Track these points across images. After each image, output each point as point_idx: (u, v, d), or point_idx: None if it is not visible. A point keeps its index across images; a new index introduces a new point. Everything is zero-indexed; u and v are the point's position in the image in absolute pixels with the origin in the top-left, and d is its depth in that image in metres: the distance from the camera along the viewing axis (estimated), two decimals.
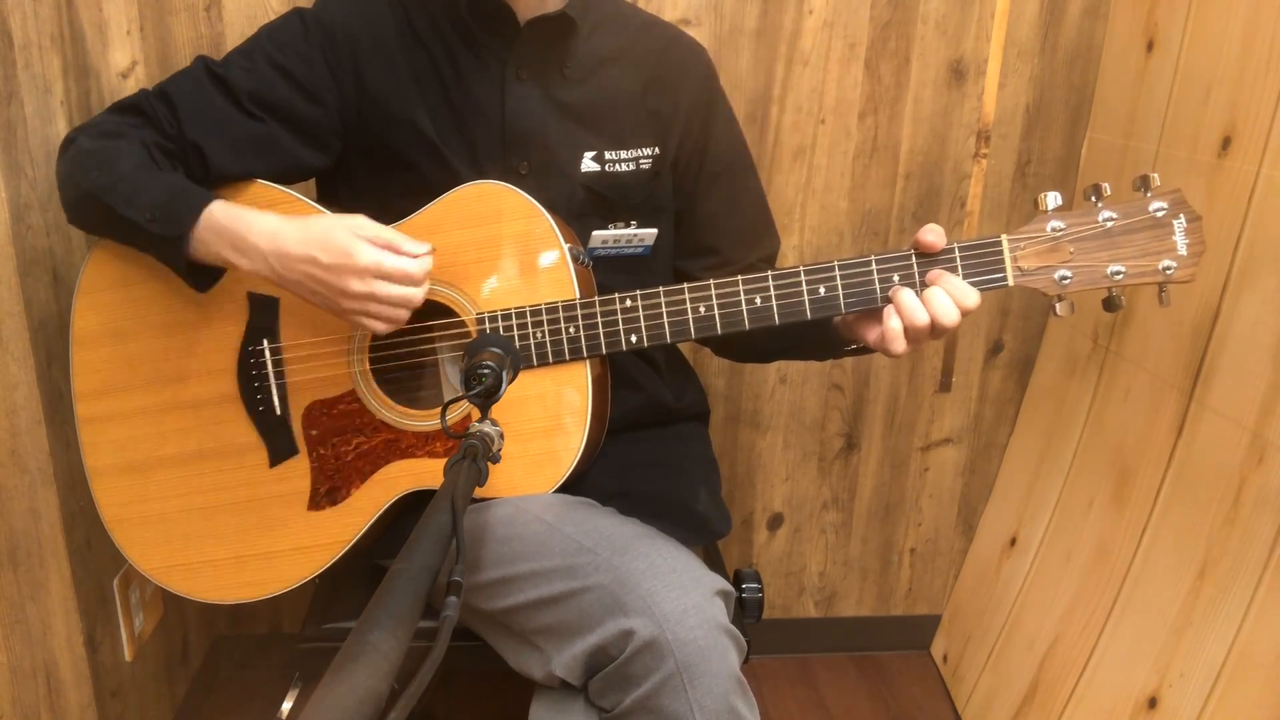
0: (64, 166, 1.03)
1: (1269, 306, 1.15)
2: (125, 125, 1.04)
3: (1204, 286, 1.26)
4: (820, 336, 1.06)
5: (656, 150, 1.13)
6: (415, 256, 0.95)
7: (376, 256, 0.93)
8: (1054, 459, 1.60)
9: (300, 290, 0.97)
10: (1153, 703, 1.24)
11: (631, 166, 1.12)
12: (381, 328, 0.97)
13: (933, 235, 0.93)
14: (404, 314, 0.96)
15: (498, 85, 1.08)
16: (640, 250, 1.15)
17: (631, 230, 1.13)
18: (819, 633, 1.86)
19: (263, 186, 1.06)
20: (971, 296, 0.92)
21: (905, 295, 0.93)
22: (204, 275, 1.02)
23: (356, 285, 0.93)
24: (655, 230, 1.14)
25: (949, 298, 0.92)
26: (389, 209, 1.04)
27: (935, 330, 0.93)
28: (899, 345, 0.93)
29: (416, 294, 0.95)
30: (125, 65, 1.40)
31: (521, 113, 1.08)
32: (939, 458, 1.78)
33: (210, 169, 1.04)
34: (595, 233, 1.11)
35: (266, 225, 0.96)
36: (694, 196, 1.18)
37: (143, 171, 0.99)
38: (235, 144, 1.05)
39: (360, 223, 0.96)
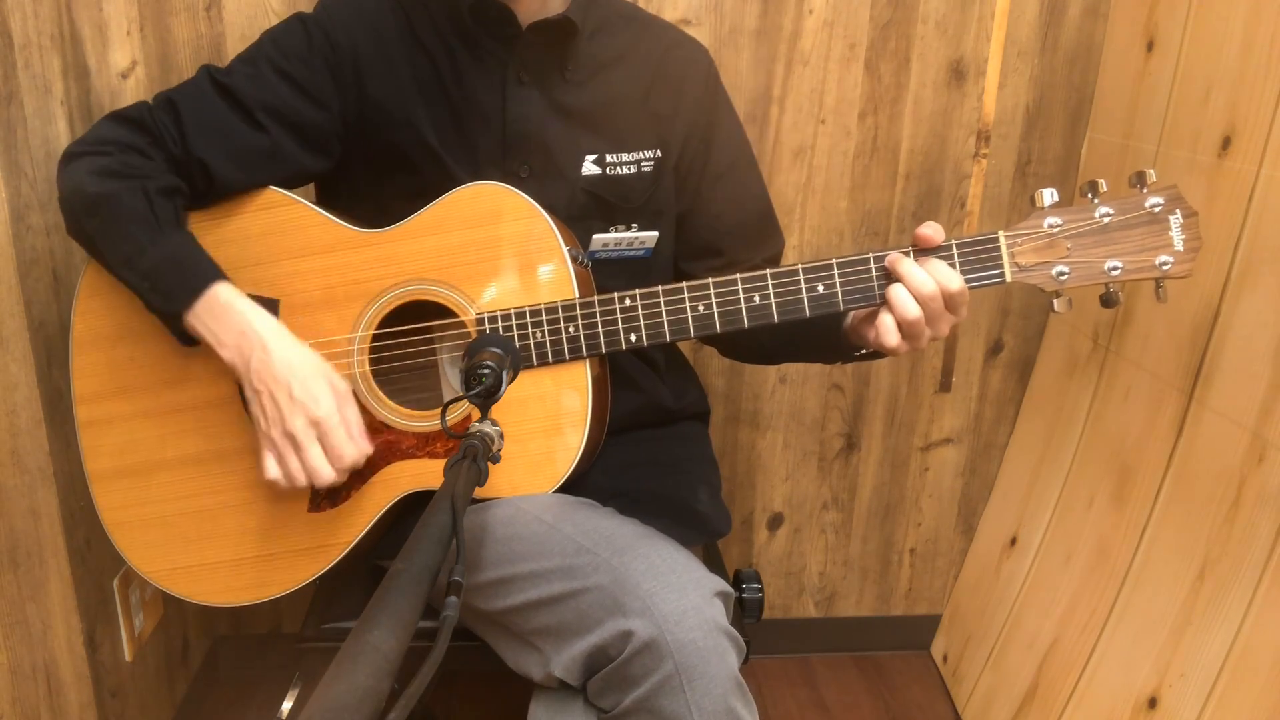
0: (65, 192, 1.01)
1: (1269, 306, 1.15)
2: (128, 158, 1.01)
3: (1204, 286, 1.26)
4: (830, 339, 1.06)
5: (658, 153, 1.13)
6: (358, 447, 0.97)
7: (332, 417, 0.95)
8: (1054, 459, 1.60)
9: (251, 397, 0.97)
10: (1153, 703, 1.24)
11: (633, 169, 1.12)
12: (276, 476, 0.97)
13: (930, 229, 0.94)
14: (302, 480, 0.96)
15: (499, 89, 1.08)
16: (641, 253, 1.15)
17: (632, 233, 1.13)
18: (819, 633, 1.87)
19: (266, 189, 1.06)
20: (955, 280, 0.93)
21: (896, 289, 0.94)
22: (190, 336, 1.02)
23: (298, 427, 0.95)
24: (656, 233, 1.14)
25: (928, 275, 0.92)
26: (389, 211, 1.04)
27: (930, 319, 0.93)
28: (892, 339, 0.94)
29: (327, 476, 0.96)
30: (125, 65, 1.40)
31: (522, 116, 1.08)
32: (939, 458, 1.78)
33: (215, 184, 1.04)
34: (596, 236, 1.11)
35: (265, 330, 0.97)
36: (697, 198, 1.18)
37: (143, 229, 0.98)
38: (240, 159, 1.04)
39: (344, 389, 0.98)
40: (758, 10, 1.51)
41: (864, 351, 1.04)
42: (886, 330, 0.94)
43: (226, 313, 0.97)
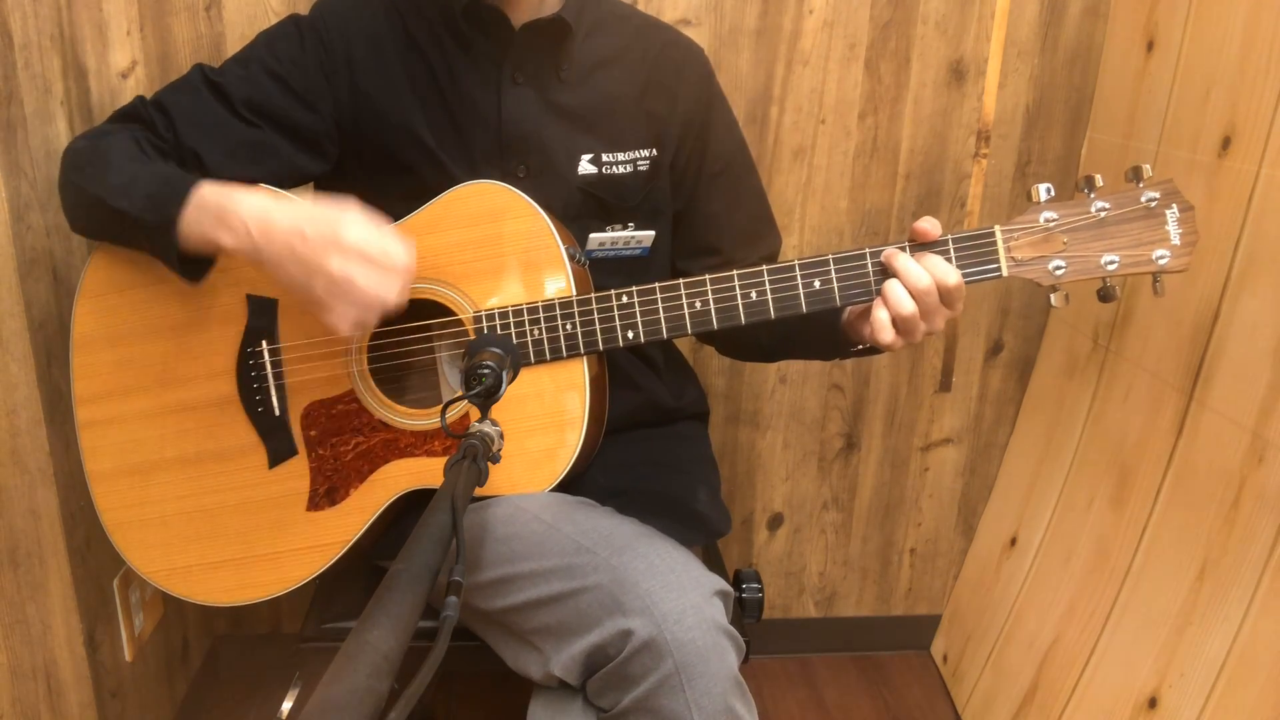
0: (63, 165, 1.04)
1: (1269, 306, 1.15)
2: (120, 127, 1.05)
3: (1204, 286, 1.26)
4: (827, 335, 1.06)
5: (654, 152, 1.13)
6: (405, 247, 0.92)
7: (364, 235, 0.89)
8: (1054, 459, 1.60)
9: (279, 269, 0.92)
10: (1153, 703, 1.24)
11: (629, 169, 1.12)
12: (346, 324, 0.91)
13: (927, 223, 0.94)
14: (373, 315, 0.91)
15: (494, 89, 1.08)
16: (638, 252, 1.15)
17: (629, 232, 1.13)
18: (819, 633, 1.86)
19: (263, 190, 1.06)
20: (952, 275, 0.93)
21: (891, 284, 0.94)
22: (195, 265, 1.01)
23: (337, 263, 0.88)
24: (653, 232, 1.14)
25: (923, 270, 0.92)
26: (387, 212, 1.04)
27: (925, 313, 0.93)
28: (886, 335, 0.93)
29: (393, 290, 0.90)
30: (125, 65, 1.40)
31: (518, 116, 1.09)
32: (939, 458, 1.78)
33: (208, 174, 1.04)
34: (593, 235, 1.11)
35: (254, 200, 0.95)
36: (694, 197, 1.18)
37: (132, 162, 0.99)
38: (232, 150, 1.05)
39: (352, 207, 0.93)
40: (758, 10, 1.51)
41: (861, 347, 1.04)
42: (881, 326, 0.93)
43: (216, 203, 0.95)
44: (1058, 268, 0.94)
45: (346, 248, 0.89)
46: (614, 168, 1.11)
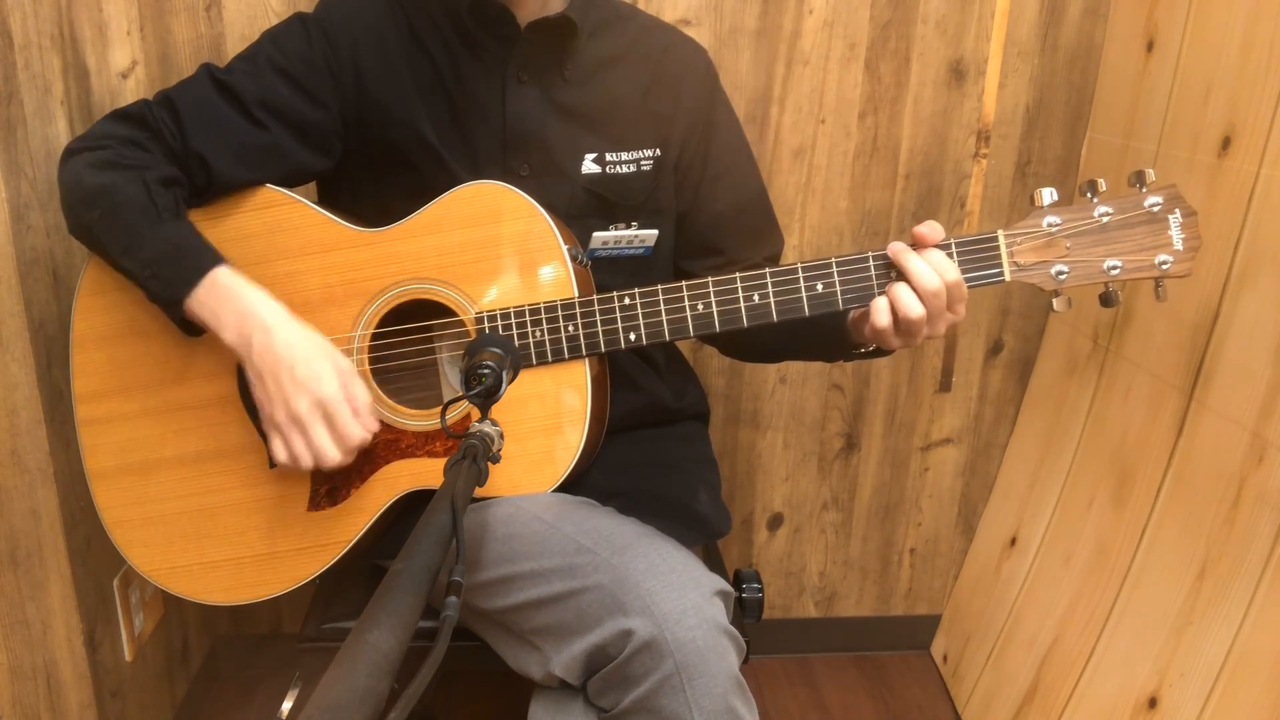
0: (65, 187, 1.02)
1: (1269, 306, 1.15)
2: (126, 148, 1.01)
3: (1204, 286, 1.26)
4: (830, 337, 1.06)
5: (657, 152, 1.13)
6: (365, 427, 0.97)
7: (336, 396, 0.94)
8: (1054, 459, 1.60)
9: (255, 380, 0.97)
10: (1153, 703, 1.24)
11: (632, 168, 1.12)
12: (282, 456, 0.97)
13: (928, 228, 0.94)
14: (309, 462, 0.96)
15: (498, 88, 1.08)
16: (641, 251, 1.15)
17: (632, 231, 1.13)
18: (819, 633, 1.86)
19: (266, 189, 1.07)
20: (951, 271, 0.93)
21: (899, 287, 0.94)
22: (194, 326, 1.01)
23: (302, 408, 0.94)
24: (656, 231, 1.14)
25: (932, 270, 0.92)
26: (390, 210, 1.04)
27: (930, 310, 0.93)
28: (883, 319, 0.94)
29: (334, 457, 0.95)
30: (125, 65, 1.40)
31: (522, 115, 1.09)
32: (939, 458, 1.78)
33: (214, 179, 1.03)
34: (596, 234, 1.11)
35: (267, 312, 0.96)
36: (697, 197, 1.18)
37: (142, 219, 0.97)
38: (239, 154, 1.04)
39: (348, 369, 0.98)
40: (758, 10, 1.51)
41: (865, 350, 1.04)
42: (879, 311, 0.94)
43: (228, 296, 0.96)
44: (1060, 273, 0.94)
45: (320, 399, 0.94)
46: (617, 167, 1.11)
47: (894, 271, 0.95)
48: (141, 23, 1.42)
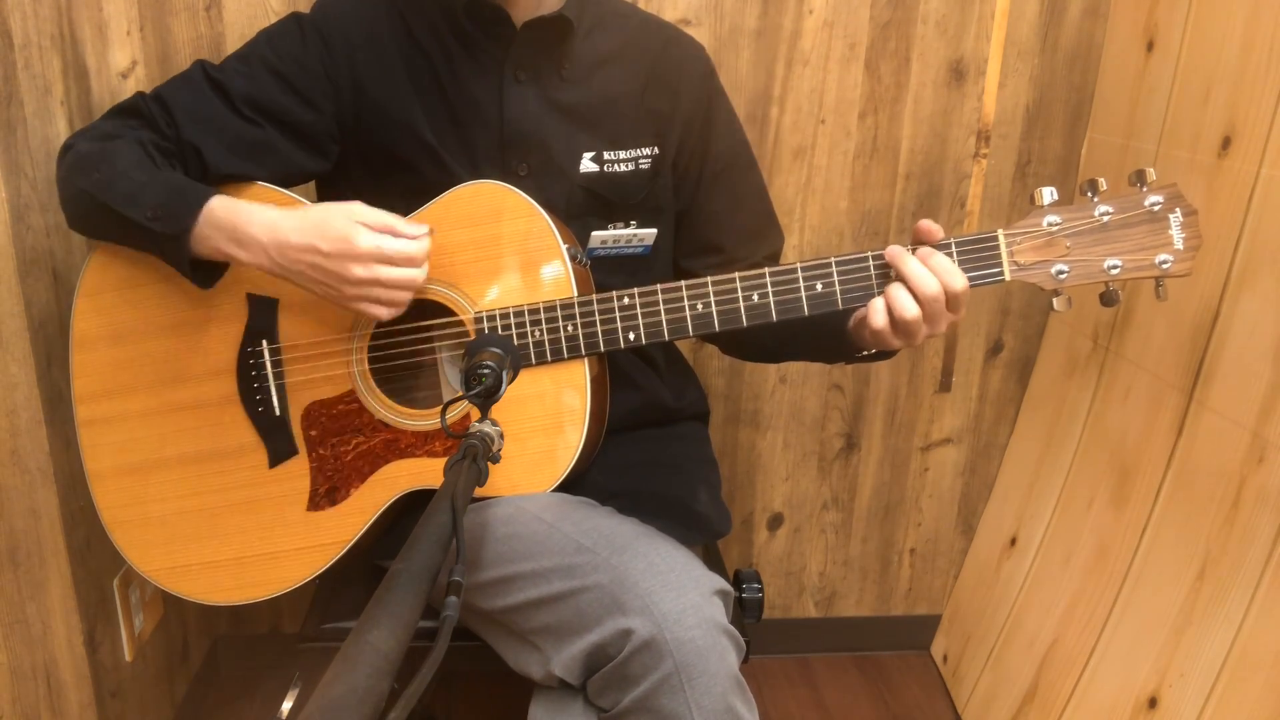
0: (63, 171, 1.03)
1: (1269, 306, 1.15)
2: (122, 127, 1.04)
3: (1204, 286, 1.26)
4: (832, 338, 1.06)
5: (656, 150, 1.13)
6: (414, 238, 0.96)
7: (376, 241, 0.94)
8: (1054, 459, 1.60)
9: (301, 280, 0.97)
10: (1153, 703, 1.24)
11: (630, 167, 1.12)
12: (384, 313, 0.97)
13: (930, 226, 0.94)
14: (406, 297, 0.97)
15: (496, 87, 1.08)
16: (640, 250, 1.15)
17: (631, 230, 1.13)
18: (819, 633, 1.86)
19: (262, 188, 1.07)
20: (959, 279, 0.92)
21: (896, 288, 0.93)
22: (207, 271, 1.02)
23: (359, 271, 0.94)
24: (655, 230, 1.14)
25: (932, 275, 0.92)
26: (389, 210, 1.04)
27: (927, 313, 0.92)
28: (879, 319, 0.93)
29: (418, 275, 0.96)
30: (125, 65, 1.40)
31: (520, 114, 1.09)
32: (939, 458, 1.78)
33: (208, 170, 1.04)
34: (595, 233, 1.11)
35: (265, 216, 0.97)
36: (696, 195, 1.18)
37: (141, 170, 0.99)
38: (232, 146, 1.05)
39: (357, 209, 0.97)
40: (758, 10, 1.51)
41: (867, 353, 1.04)
42: (876, 311, 0.93)
43: (229, 221, 0.97)
44: (1060, 272, 0.94)
45: (363, 254, 0.94)
46: (616, 166, 1.11)
47: (893, 272, 0.95)
48: (141, 23, 1.43)
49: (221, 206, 0.97)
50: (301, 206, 0.98)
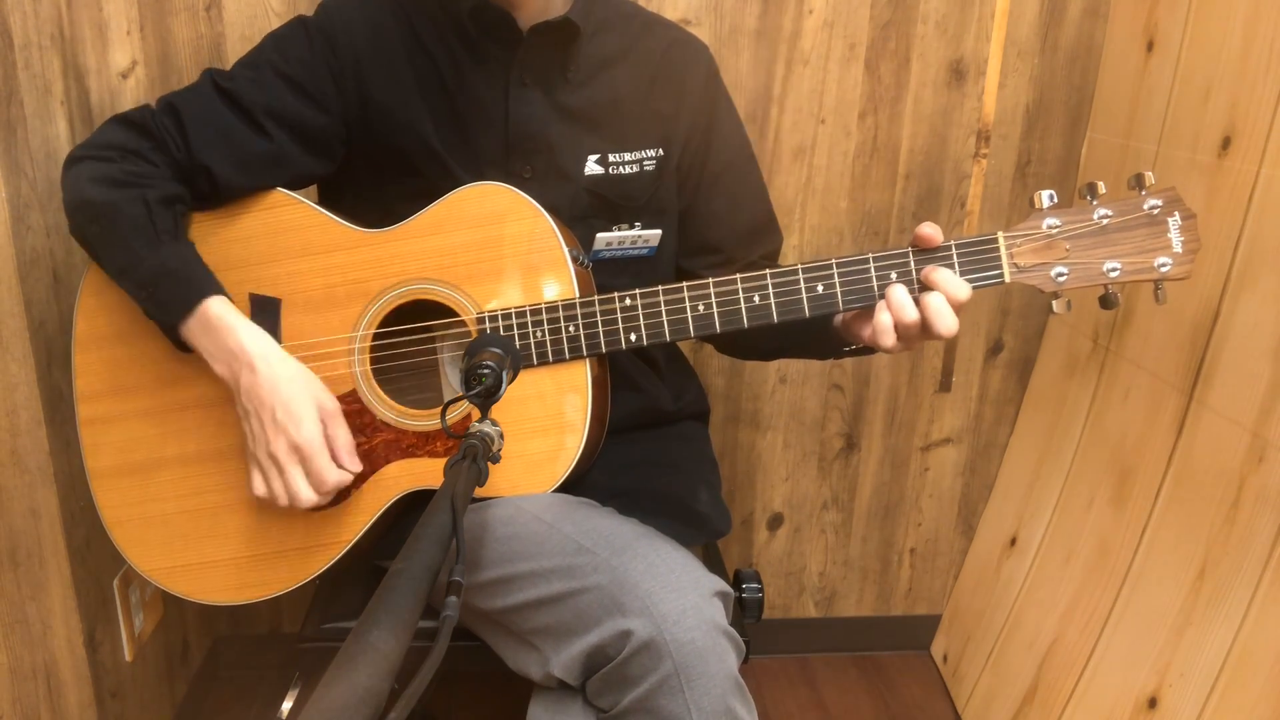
0: (67, 195, 1.02)
1: (1269, 306, 1.15)
2: (130, 165, 1.01)
3: (1204, 287, 1.26)
4: (820, 336, 1.06)
5: (660, 151, 1.13)
6: (341, 469, 0.98)
7: (313, 442, 0.96)
8: (1054, 459, 1.60)
9: (241, 415, 0.99)
10: (1153, 703, 1.24)
11: (635, 168, 1.12)
12: (257, 489, 0.99)
13: (929, 228, 0.94)
14: (284, 501, 0.98)
15: (501, 90, 1.08)
16: (645, 252, 1.15)
17: (636, 232, 1.13)
18: (819, 633, 1.87)
19: (269, 191, 1.07)
20: (963, 289, 0.92)
21: (896, 291, 0.93)
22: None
23: (280, 450, 0.96)
24: (659, 231, 1.14)
25: (942, 298, 0.92)
26: (392, 212, 1.04)
27: (927, 330, 0.92)
28: (888, 339, 0.93)
29: (309, 499, 0.97)
30: (125, 65, 1.40)
31: (525, 117, 1.08)
32: (939, 458, 1.78)
33: (219, 188, 1.04)
34: (600, 235, 1.11)
35: (257, 350, 0.97)
36: (697, 195, 1.18)
37: (141, 241, 0.98)
38: (244, 164, 1.04)
39: (333, 409, 0.99)
40: (758, 10, 1.51)
41: (854, 347, 1.04)
42: (883, 331, 0.93)
43: (218, 329, 0.97)
44: (1060, 274, 0.94)
45: (296, 444, 0.96)
46: (620, 168, 1.11)
47: (894, 273, 0.95)
48: (141, 23, 1.42)
49: (217, 315, 0.97)
50: (295, 364, 0.99)
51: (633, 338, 1.00)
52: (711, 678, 0.87)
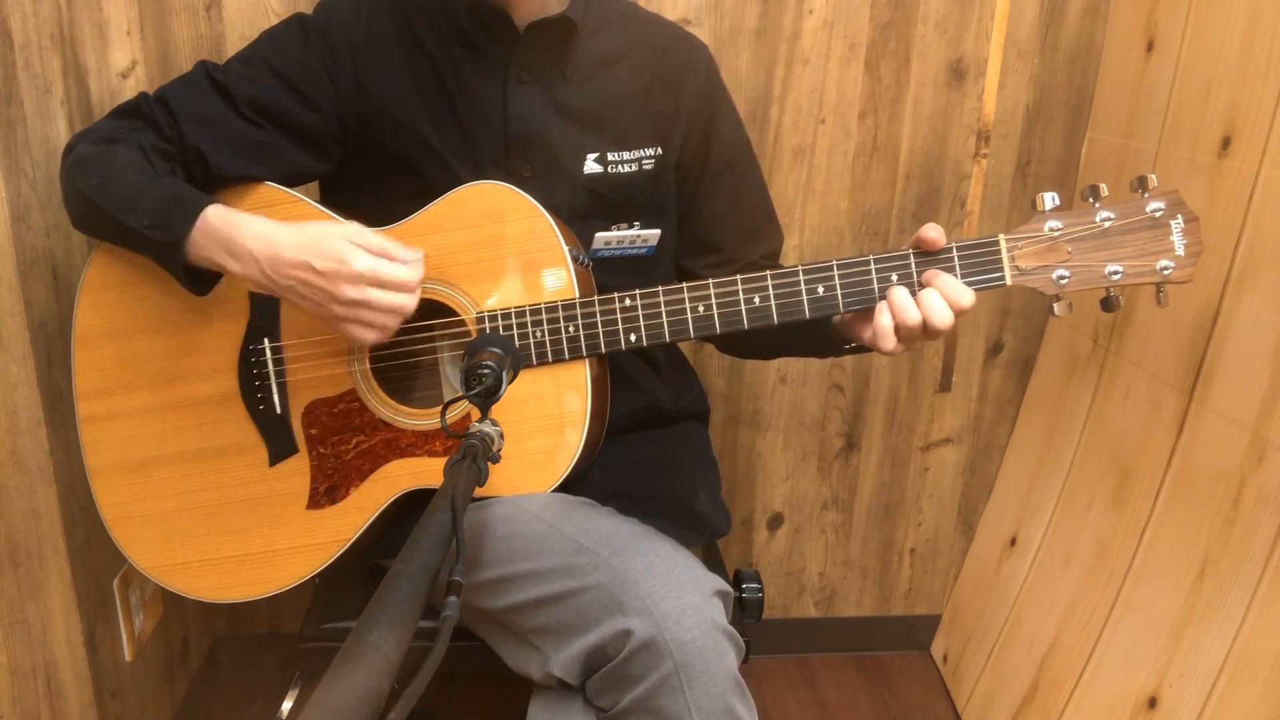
0: (64, 172, 1.03)
1: (1269, 306, 1.15)
2: (124, 130, 1.04)
3: (1204, 287, 1.26)
4: (819, 334, 1.06)
5: (659, 150, 1.13)
6: (408, 263, 0.94)
7: (371, 263, 0.92)
8: (1054, 459, 1.60)
9: (291, 295, 0.96)
10: (1153, 703, 1.24)
11: (634, 167, 1.12)
12: (372, 336, 0.95)
13: (933, 232, 0.93)
14: (395, 323, 0.95)
15: (500, 89, 1.08)
16: (644, 251, 1.15)
17: (635, 231, 1.13)
18: (819, 633, 1.87)
19: (266, 187, 1.07)
20: (966, 296, 0.92)
21: (898, 293, 0.93)
22: (202, 279, 1.01)
23: (350, 292, 0.92)
24: (659, 231, 1.14)
25: (942, 299, 0.92)
26: (392, 212, 1.04)
27: (929, 330, 0.92)
28: (889, 343, 0.93)
29: (409, 302, 0.94)
30: (125, 65, 1.40)
31: (524, 116, 1.08)
32: (939, 458, 1.78)
33: (211, 172, 1.04)
34: (599, 234, 1.11)
35: (259, 228, 0.96)
36: (697, 194, 1.18)
37: (139, 175, 0.99)
38: (235, 148, 1.05)
39: (354, 230, 0.95)
40: (758, 10, 1.51)
41: (853, 345, 1.04)
42: (884, 335, 0.93)
43: (223, 231, 0.96)
44: (1061, 277, 0.94)
45: (356, 275, 0.92)
46: (620, 167, 1.11)
47: (895, 275, 0.95)
48: (141, 23, 1.42)
49: (217, 216, 0.96)
50: (299, 222, 0.97)
51: (632, 338, 1.00)
52: (712, 677, 0.87)
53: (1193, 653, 1.19)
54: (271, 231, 0.95)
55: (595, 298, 1.01)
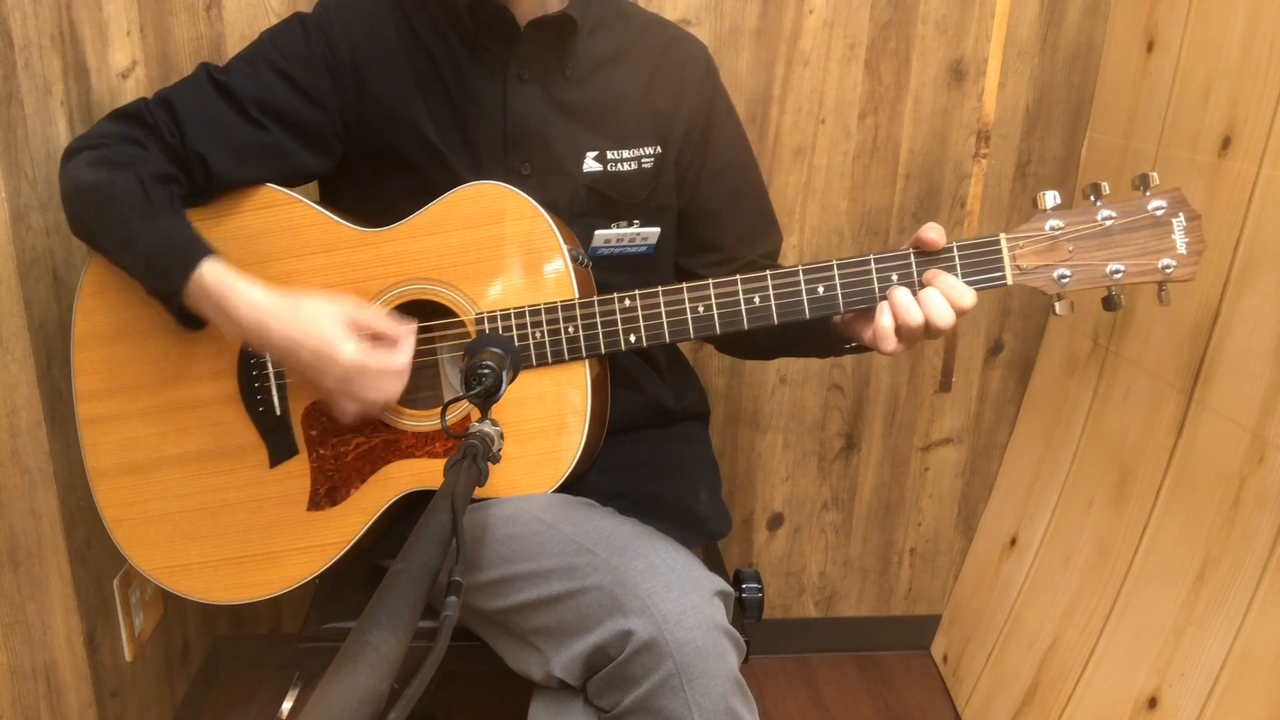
0: (64, 186, 1.02)
1: (1269, 306, 1.15)
2: (125, 143, 1.02)
3: (1204, 286, 1.26)
4: (819, 334, 1.06)
5: (658, 149, 1.13)
6: (398, 341, 0.97)
7: (356, 356, 0.94)
8: (1054, 459, 1.60)
9: (283, 365, 1.00)
10: (1153, 703, 1.24)
11: (634, 166, 1.12)
12: (350, 418, 0.98)
13: (933, 233, 0.93)
14: (379, 406, 0.97)
15: (500, 86, 1.08)
16: (644, 249, 1.15)
17: (634, 229, 1.13)
18: (819, 633, 1.87)
19: (267, 189, 1.07)
20: (968, 296, 0.92)
21: (899, 294, 0.93)
22: (195, 319, 1.01)
23: (337, 379, 0.95)
24: (658, 229, 1.14)
25: (944, 298, 0.92)
26: (391, 210, 1.04)
27: (930, 330, 0.92)
28: (890, 344, 0.93)
29: (396, 386, 0.96)
30: (125, 65, 1.40)
31: (524, 114, 1.09)
32: (939, 458, 1.78)
33: (214, 178, 1.04)
34: (598, 232, 1.11)
35: (252, 299, 0.96)
36: (696, 194, 1.18)
37: (136, 215, 0.98)
38: (238, 152, 1.04)
39: (347, 309, 0.96)
40: (758, 10, 1.51)
41: (853, 344, 1.04)
42: (884, 336, 0.93)
43: (216, 290, 0.96)
44: (1063, 276, 0.94)
45: (343, 369, 0.94)
46: (619, 165, 1.11)
47: (895, 275, 0.95)
48: (141, 23, 1.42)
49: (211, 275, 0.96)
50: (291, 295, 0.96)
51: (632, 339, 1.00)
52: (712, 677, 0.87)
53: (1193, 653, 1.19)
54: (264, 305, 0.95)
55: (595, 298, 1.00)
